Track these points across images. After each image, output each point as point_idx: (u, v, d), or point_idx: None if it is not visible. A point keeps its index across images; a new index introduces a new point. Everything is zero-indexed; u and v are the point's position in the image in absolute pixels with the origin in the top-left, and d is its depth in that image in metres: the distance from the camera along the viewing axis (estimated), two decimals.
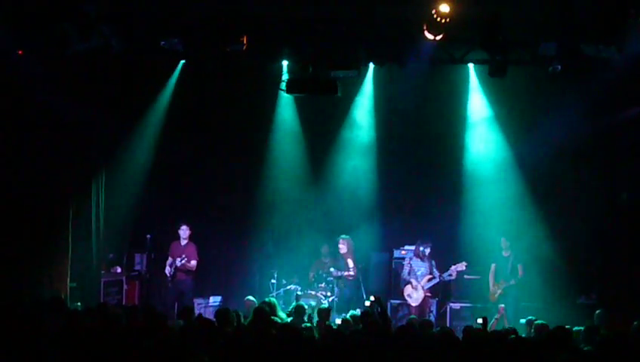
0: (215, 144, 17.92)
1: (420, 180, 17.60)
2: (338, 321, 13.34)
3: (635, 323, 11.99)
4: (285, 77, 15.84)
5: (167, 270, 16.44)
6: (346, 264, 16.80)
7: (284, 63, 16.01)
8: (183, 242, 16.64)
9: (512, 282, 15.94)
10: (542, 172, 16.82)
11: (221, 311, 11.29)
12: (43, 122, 15.70)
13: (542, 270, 16.28)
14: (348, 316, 13.06)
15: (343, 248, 16.89)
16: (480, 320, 11.81)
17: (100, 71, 15.64)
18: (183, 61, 16.53)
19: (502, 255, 16.10)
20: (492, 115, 17.09)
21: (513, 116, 16.97)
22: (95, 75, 15.82)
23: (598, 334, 10.50)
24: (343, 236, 16.96)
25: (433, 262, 16.35)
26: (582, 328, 11.07)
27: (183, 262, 16.23)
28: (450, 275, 16.16)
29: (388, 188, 17.72)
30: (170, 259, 16.52)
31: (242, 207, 18.05)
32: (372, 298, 12.27)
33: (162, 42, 13.76)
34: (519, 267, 15.96)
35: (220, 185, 18.10)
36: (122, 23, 13.75)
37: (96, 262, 16.66)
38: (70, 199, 16.36)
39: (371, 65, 16.43)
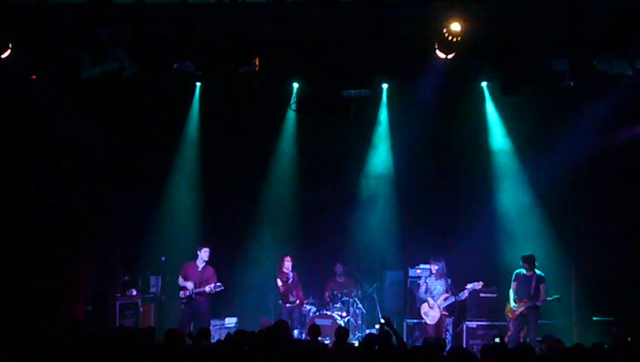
0: (230, 166, 17.96)
1: (436, 198, 17.59)
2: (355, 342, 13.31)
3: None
4: (295, 98, 15.95)
5: (185, 292, 16.37)
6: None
7: (295, 85, 16.13)
8: (201, 264, 16.41)
9: (539, 303, 15.76)
10: (557, 188, 16.77)
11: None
12: (58, 146, 15.82)
13: (558, 287, 16.22)
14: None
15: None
16: (498, 339, 11.76)
17: (116, 95, 15.75)
18: (199, 84, 16.71)
19: (523, 273, 15.93)
20: (506, 133, 17.09)
21: (525, 134, 16.98)
22: (110, 98, 15.96)
23: None
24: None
25: (449, 281, 16.30)
26: None
27: (219, 289, 16.23)
28: (466, 294, 16.10)
29: (403, 207, 17.68)
30: (181, 279, 16.34)
31: (257, 227, 18.03)
32: (382, 320, 12.24)
33: (175, 65, 13.79)
34: (541, 287, 15.80)
35: (234, 207, 18.11)
36: (135, 46, 13.79)
37: (111, 285, 16.70)
38: (84, 222, 16.44)
39: (385, 86, 16.49)
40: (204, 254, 16.42)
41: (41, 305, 15.16)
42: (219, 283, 16.22)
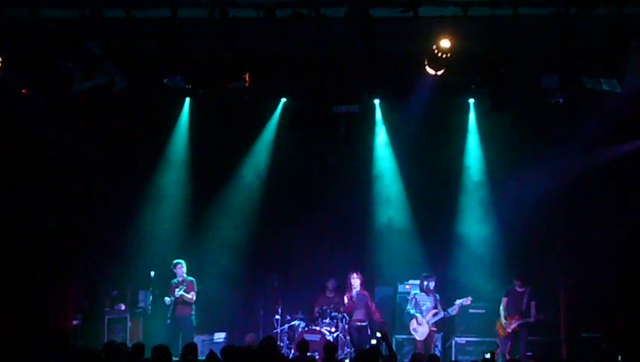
0: (219, 179, 17.96)
1: (425, 213, 17.59)
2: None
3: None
4: (284, 113, 15.98)
5: (167, 302, 16.41)
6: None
7: (284, 100, 16.17)
8: (180, 279, 16.55)
9: (531, 320, 15.85)
10: (544, 206, 16.80)
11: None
12: (47, 159, 15.81)
13: (547, 304, 16.26)
14: None
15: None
16: (488, 355, 11.76)
17: (104, 108, 15.75)
18: (188, 99, 16.73)
19: (515, 289, 16.02)
20: (494, 149, 17.13)
21: (514, 149, 17.00)
22: (99, 113, 15.97)
23: None
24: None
25: (438, 296, 16.32)
26: None
27: (181, 292, 16.21)
28: (455, 310, 16.11)
29: (392, 222, 17.69)
30: (167, 299, 16.48)
31: (245, 241, 17.99)
32: (378, 334, 12.24)
33: (165, 80, 13.80)
34: (532, 305, 15.88)
35: (223, 220, 18.09)
36: (126, 60, 13.81)
37: (99, 299, 16.66)
38: (73, 236, 16.42)
39: (377, 102, 16.53)
40: (179, 270, 16.56)
41: (29, 318, 15.12)
42: (184, 287, 16.36)
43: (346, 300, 16.58)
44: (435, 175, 17.49)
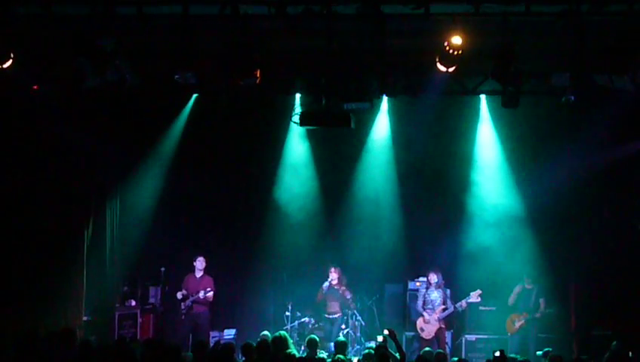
0: (228, 175, 17.99)
1: (437, 211, 17.58)
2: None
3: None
4: (298, 110, 15.92)
5: (184, 303, 16.41)
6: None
7: (297, 96, 16.14)
8: (199, 274, 16.62)
9: (537, 315, 15.93)
10: (556, 203, 16.75)
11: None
12: (57, 155, 15.85)
13: (557, 300, 16.26)
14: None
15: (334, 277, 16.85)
16: (498, 353, 11.74)
17: (113, 103, 15.78)
18: (195, 95, 16.70)
19: (524, 287, 16.06)
20: (503, 147, 17.08)
21: (526, 147, 16.98)
22: (109, 108, 16.00)
23: None
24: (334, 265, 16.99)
25: (448, 291, 16.33)
26: None
27: (209, 294, 16.27)
28: (464, 305, 16.12)
29: (403, 219, 17.67)
30: (183, 292, 16.49)
31: (256, 237, 18.02)
32: (386, 332, 12.23)
33: (176, 76, 13.81)
34: (541, 301, 15.94)
35: (233, 217, 18.12)
36: (137, 57, 13.83)
37: (110, 295, 16.70)
38: (84, 232, 16.47)
39: (385, 98, 16.51)
40: (199, 264, 16.67)
41: (40, 315, 15.15)
42: (208, 288, 16.33)
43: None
44: (445, 172, 17.47)
